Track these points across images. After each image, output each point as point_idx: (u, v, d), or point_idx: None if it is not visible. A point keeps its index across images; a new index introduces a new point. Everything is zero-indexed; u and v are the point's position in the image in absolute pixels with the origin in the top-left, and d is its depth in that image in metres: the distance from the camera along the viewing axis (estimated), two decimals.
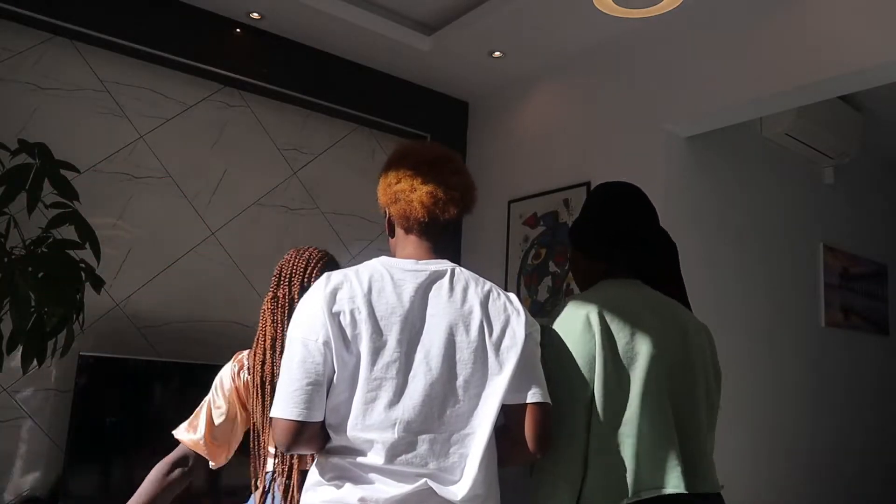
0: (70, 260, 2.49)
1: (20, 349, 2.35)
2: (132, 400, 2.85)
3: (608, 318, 1.38)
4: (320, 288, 1.34)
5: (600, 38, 3.35)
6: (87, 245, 2.56)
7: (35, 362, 2.38)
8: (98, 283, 2.59)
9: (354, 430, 1.27)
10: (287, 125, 3.64)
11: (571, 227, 1.62)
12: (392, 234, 1.49)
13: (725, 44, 2.87)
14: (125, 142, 3.14)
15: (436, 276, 1.37)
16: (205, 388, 1.71)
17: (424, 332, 1.32)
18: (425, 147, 1.50)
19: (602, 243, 1.53)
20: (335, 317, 1.30)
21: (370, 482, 1.27)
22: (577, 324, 1.38)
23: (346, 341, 1.29)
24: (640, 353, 1.36)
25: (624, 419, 1.34)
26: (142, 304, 3.09)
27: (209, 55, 3.28)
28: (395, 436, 1.26)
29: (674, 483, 1.33)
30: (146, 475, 1.65)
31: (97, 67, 3.11)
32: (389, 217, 1.47)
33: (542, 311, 3.42)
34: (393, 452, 1.26)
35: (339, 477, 1.30)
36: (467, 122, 4.19)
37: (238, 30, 3.39)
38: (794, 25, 2.66)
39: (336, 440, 1.32)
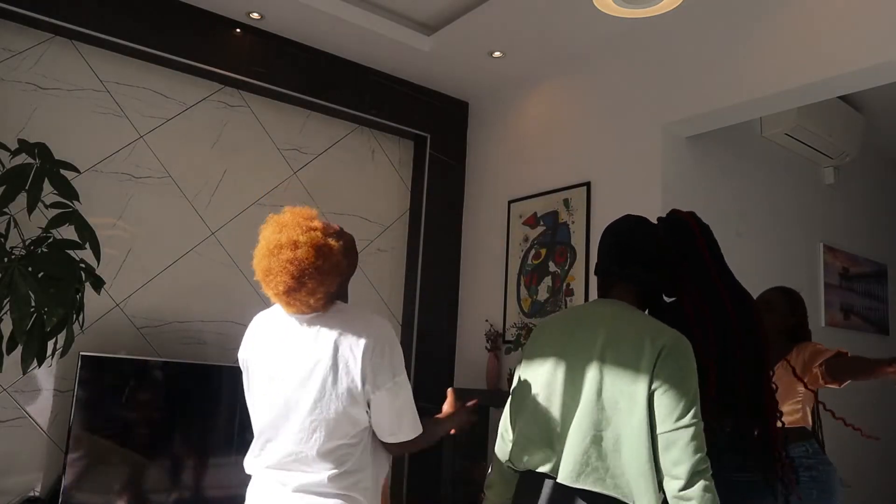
0: (70, 260, 2.49)
1: (20, 349, 2.35)
2: (132, 400, 2.85)
3: (544, 329, 1.77)
4: None
5: (600, 38, 3.35)
6: (87, 245, 2.56)
7: (35, 362, 2.38)
8: (98, 283, 2.59)
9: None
10: (287, 125, 3.64)
11: None
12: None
13: (726, 43, 2.87)
14: (125, 142, 3.14)
15: None
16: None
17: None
18: None
19: (599, 264, 1.79)
20: None
21: None
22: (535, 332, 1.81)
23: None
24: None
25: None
26: (142, 304, 3.10)
27: (209, 55, 3.28)
28: None
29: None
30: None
31: (97, 67, 3.11)
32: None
33: (543, 311, 3.42)
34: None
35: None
36: (467, 122, 4.19)
37: (238, 30, 3.39)
38: (794, 25, 2.67)
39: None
